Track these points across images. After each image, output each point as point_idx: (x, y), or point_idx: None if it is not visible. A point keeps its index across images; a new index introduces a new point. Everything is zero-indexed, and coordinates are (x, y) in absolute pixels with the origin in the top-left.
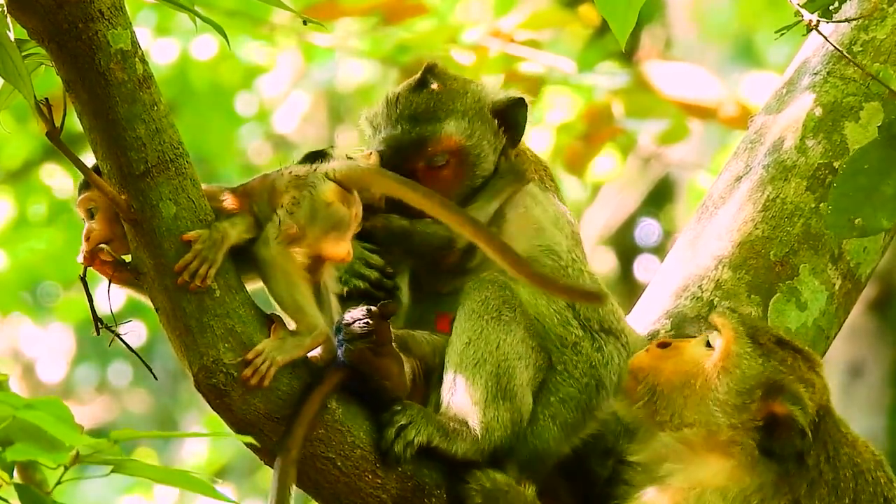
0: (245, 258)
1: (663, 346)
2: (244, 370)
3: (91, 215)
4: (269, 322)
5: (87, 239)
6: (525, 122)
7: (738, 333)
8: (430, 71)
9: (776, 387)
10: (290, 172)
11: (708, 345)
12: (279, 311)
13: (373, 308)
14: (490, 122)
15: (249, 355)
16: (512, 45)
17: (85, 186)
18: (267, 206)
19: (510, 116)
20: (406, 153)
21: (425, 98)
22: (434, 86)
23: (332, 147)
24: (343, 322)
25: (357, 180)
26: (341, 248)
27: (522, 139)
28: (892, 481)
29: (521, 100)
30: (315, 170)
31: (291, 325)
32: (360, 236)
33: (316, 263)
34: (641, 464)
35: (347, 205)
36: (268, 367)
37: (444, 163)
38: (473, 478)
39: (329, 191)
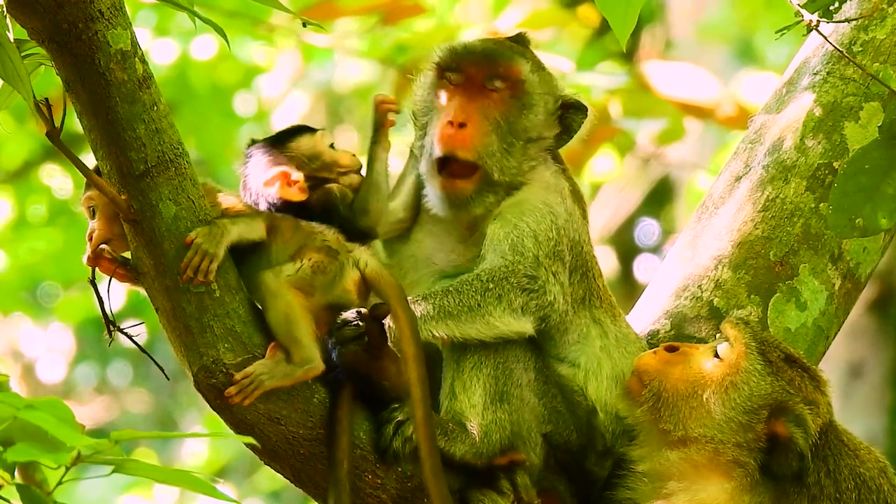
0: (242, 267)
1: (671, 349)
2: (229, 388)
3: (93, 214)
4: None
5: (90, 239)
6: (576, 132)
7: (749, 349)
8: (521, 34)
9: (781, 407)
10: (324, 241)
11: (716, 354)
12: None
13: (363, 310)
14: (553, 104)
15: (238, 376)
16: None
17: (89, 185)
18: (287, 249)
19: (568, 118)
20: (474, 59)
21: (510, 42)
22: (520, 43)
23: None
24: (335, 325)
25: (378, 286)
26: (323, 327)
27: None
28: (895, 488)
29: (586, 109)
30: (349, 250)
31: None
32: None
33: None
34: (646, 474)
35: (360, 297)
36: (253, 389)
37: (500, 89)
38: None
39: (353, 279)
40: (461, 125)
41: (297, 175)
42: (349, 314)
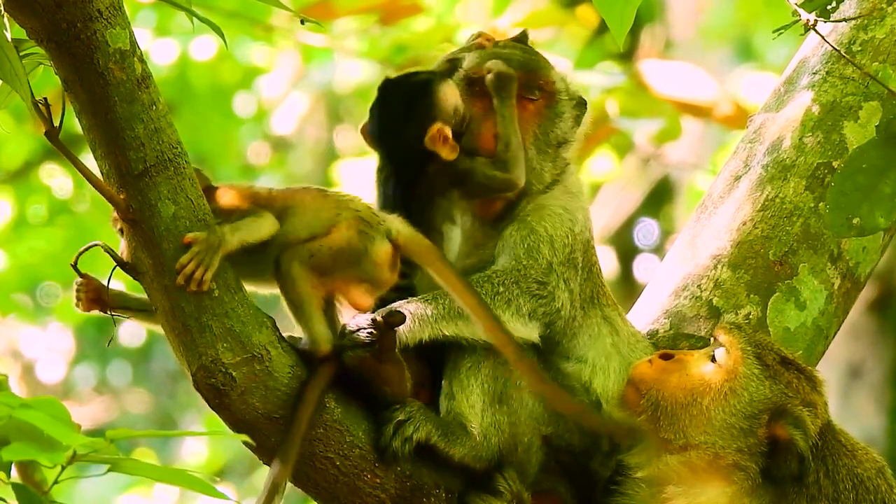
0: (252, 259)
1: (666, 357)
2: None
3: (122, 233)
4: (268, 321)
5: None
6: (581, 123)
7: (745, 353)
8: (524, 33)
9: (780, 410)
10: (357, 212)
11: (713, 359)
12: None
13: (377, 318)
14: (574, 106)
15: None
16: None
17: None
18: (309, 225)
19: (580, 116)
20: (514, 69)
21: (532, 50)
22: (523, 41)
23: None
24: (347, 328)
25: (413, 253)
26: (365, 300)
27: None
28: (892, 487)
29: (586, 103)
30: (381, 221)
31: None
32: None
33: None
34: (645, 480)
35: (392, 270)
36: None
37: (536, 99)
38: None
39: (384, 252)
40: None
41: (448, 131)
42: (362, 320)
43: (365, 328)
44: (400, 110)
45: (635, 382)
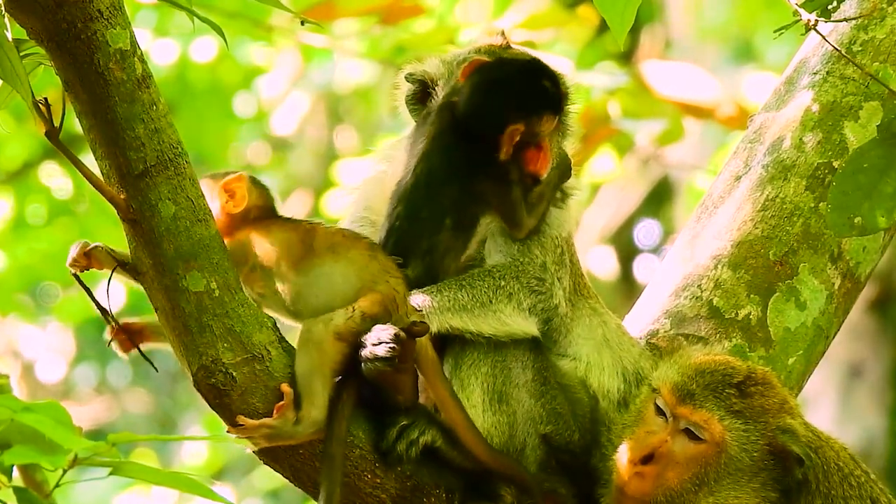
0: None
1: (646, 460)
2: (236, 429)
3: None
4: (269, 321)
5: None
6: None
7: (722, 419)
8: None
9: (778, 438)
10: (395, 291)
11: (689, 434)
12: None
13: (400, 334)
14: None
15: (248, 424)
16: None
17: None
18: (350, 279)
19: None
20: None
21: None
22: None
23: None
24: (368, 341)
25: (417, 358)
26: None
27: None
28: (868, 474)
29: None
30: (408, 312)
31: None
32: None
33: None
34: None
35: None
36: (255, 440)
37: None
38: None
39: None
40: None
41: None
42: (384, 334)
43: (386, 342)
44: (518, 88)
45: (640, 498)
